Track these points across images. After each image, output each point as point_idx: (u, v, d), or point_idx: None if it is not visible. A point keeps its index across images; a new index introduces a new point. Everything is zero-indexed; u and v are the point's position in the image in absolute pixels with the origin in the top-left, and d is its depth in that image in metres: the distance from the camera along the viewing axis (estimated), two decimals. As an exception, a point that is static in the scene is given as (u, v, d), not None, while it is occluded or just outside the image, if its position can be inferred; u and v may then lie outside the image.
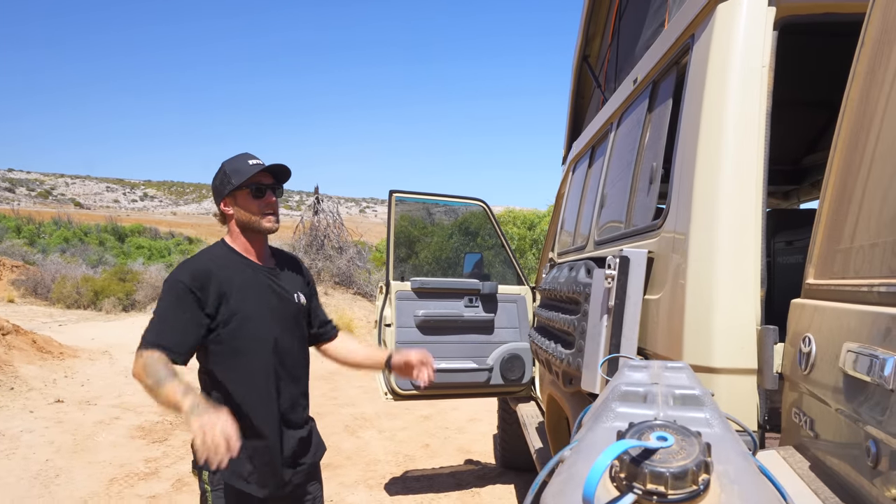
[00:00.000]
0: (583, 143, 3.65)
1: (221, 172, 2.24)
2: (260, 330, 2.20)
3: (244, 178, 2.18)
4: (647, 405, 0.83)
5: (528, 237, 16.47)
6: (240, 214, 2.23)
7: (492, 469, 5.61)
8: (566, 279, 2.38)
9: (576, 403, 2.41)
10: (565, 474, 0.70)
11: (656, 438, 0.66)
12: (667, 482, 0.62)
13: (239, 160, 2.24)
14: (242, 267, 2.23)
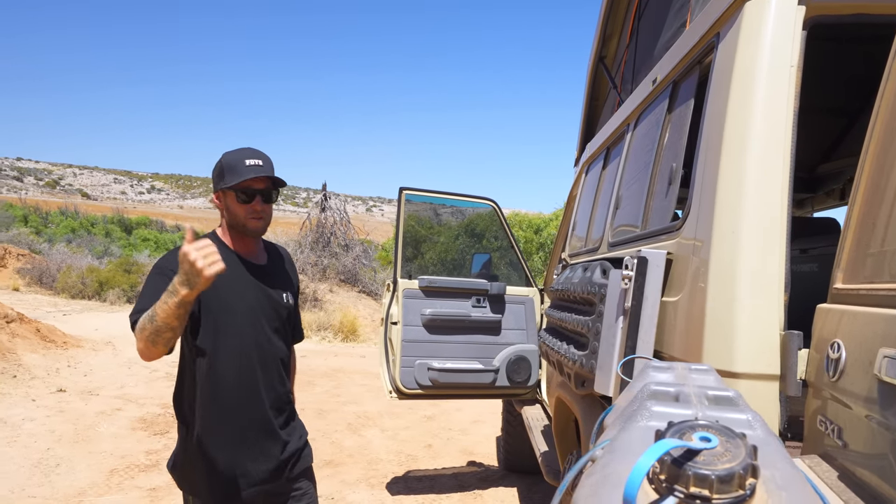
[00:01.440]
0: (597, 145, 3.61)
1: (219, 165, 2.19)
2: (240, 325, 2.16)
3: (236, 180, 2.11)
4: (682, 405, 0.79)
5: (534, 240, 16.43)
6: (227, 213, 2.19)
7: (494, 471, 5.57)
8: (580, 280, 2.34)
9: (586, 406, 2.37)
10: (598, 475, 0.66)
11: (699, 439, 0.62)
12: (711, 485, 0.58)
13: (237, 157, 2.16)
14: (229, 261, 2.15)
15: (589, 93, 4.33)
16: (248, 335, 2.18)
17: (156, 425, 6.48)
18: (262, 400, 2.21)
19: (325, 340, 13.47)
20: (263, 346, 2.22)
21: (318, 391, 8.61)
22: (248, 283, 2.20)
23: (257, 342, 2.20)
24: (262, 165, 2.15)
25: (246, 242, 2.25)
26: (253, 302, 2.19)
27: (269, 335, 2.24)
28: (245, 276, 2.21)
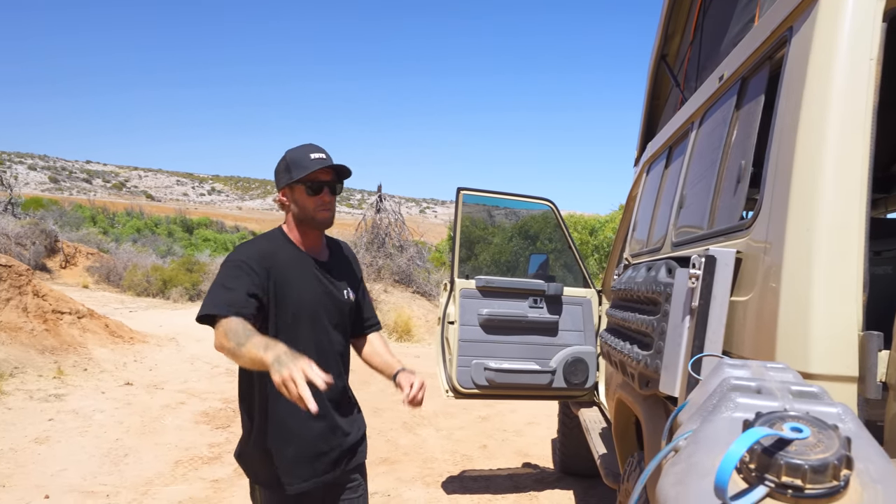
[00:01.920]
0: (659, 144, 3.56)
1: (283, 162, 2.24)
2: (304, 322, 2.21)
3: (303, 173, 2.16)
4: (767, 397, 0.78)
5: (589, 242, 16.24)
6: (295, 207, 2.23)
7: (550, 473, 5.54)
8: (644, 279, 2.31)
9: (649, 407, 2.34)
10: (683, 464, 0.66)
11: (790, 429, 0.62)
12: (805, 475, 0.58)
13: (301, 152, 2.22)
14: (295, 257, 2.24)
15: (650, 92, 4.27)
16: (310, 331, 2.23)
17: (217, 419, 6.66)
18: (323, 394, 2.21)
19: (379, 340, 13.61)
20: (324, 342, 2.27)
21: (373, 389, 8.70)
22: (312, 280, 2.25)
23: (318, 338, 2.25)
24: (325, 159, 2.21)
25: (312, 238, 2.29)
26: (316, 299, 2.24)
27: (330, 331, 2.29)
28: (310, 273, 2.25)
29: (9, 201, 23.44)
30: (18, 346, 8.41)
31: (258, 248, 2.19)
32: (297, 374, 1.70)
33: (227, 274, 2.09)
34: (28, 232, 20.65)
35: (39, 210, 28.00)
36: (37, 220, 22.23)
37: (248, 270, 2.09)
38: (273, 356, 1.79)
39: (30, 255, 19.44)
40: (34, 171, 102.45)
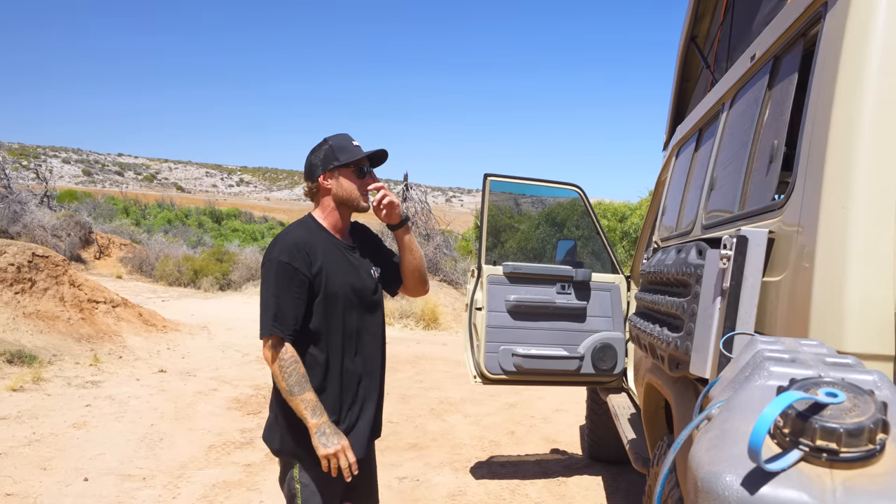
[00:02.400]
0: (689, 127, 3.52)
1: (326, 147, 2.33)
2: (344, 305, 2.31)
3: (352, 157, 2.29)
4: (801, 366, 0.78)
5: (618, 229, 16.12)
6: (340, 190, 2.32)
7: (578, 459, 5.54)
8: (674, 261, 2.30)
9: (680, 390, 2.33)
10: (716, 431, 0.67)
11: (825, 394, 0.61)
12: (840, 439, 0.58)
13: (343, 139, 2.34)
14: (329, 243, 2.33)
15: (679, 74, 4.22)
16: (348, 314, 2.33)
17: (249, 405, 6.77)
18: (363, 373, 2.38)
19: (406, 328, 13.68)
20: (360, 324, 2.37)
21: (401, 377, 8.77)
22: (347, 265, 2.35)
23: (355, 320, 2.35)
24: (359, 146, 2.36)
25: (346, 222, 2.40)
26: (350, 283, 2.34)
27: (365, 312, 2.39)
28: (344, 258, 2.36)
29: (44, 194, 23.94)
30: (56, 334, 8.62)
31: (298, 240, 2.25)
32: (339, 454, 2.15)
33: (269, 283, 2.20)
34: (63, 224, 21.08)
35: (74, 202, 28.57)
36: (71, 213, 22.69)
37: (288, 273, 2.19)
38: (317, 425, 2.14)
39: (65, 247, 19.86)
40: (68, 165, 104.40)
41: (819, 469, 0.58)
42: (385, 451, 5.56)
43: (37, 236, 19.21)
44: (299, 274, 2.20)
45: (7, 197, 20.72)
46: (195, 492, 4.41)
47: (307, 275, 2.22)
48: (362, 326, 2.37)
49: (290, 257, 2.20)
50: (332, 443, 2.15)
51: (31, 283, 8.98)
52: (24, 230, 19.69)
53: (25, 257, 9.07)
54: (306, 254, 2.22)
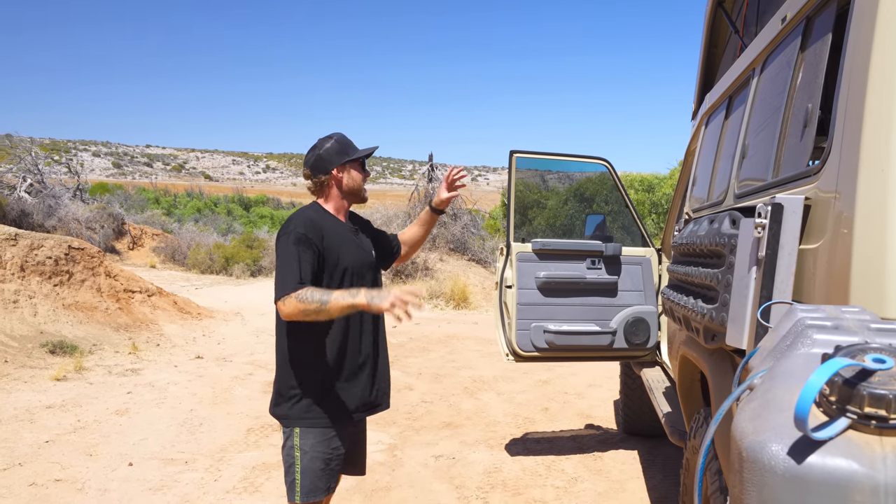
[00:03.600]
0: (718, 94, 3.44)
1: (336, 144, 2.64)
2: (350, 278, 2.57)
3: (358, 154, 2.65)
4: (845, 333, 0.76)
5: (647, 201, 15.91)
6: (349, 182, 2.65)
7: (614, 434, 5.53)
8: (707, 232, 2.26)
9: (715, 362, 2.31)
10: (759, 400, 0.66)
11: (873, 360, 0.60)
12: (889, 405, 0.56)
13: (345, 137, 2.69)
14: (336, 224, 2.62)
15: (707, 41, 4.12)
16: (356, 286, 2.56)
17: (285, 388, 6.86)
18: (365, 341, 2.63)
19: (437, 308, 13.73)
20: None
21: (433, 356, 8.82)
22: (351, 244, 2.63)
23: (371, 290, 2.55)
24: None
25: (345, 210, 2.71)
26: (357, 260, 2.62)
27: (368, 284, 2.65)
28: (348, 237, 2.64)
29: (77, 187, 24.38)
30: (95, 324, 8.82)
31: (309, 217, 2.55)
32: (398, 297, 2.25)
33: (291, 250, 2.42)
34: (96, 216, 21.47)
35: (105, 195, 29.03)
36: (104, 205, 23.08)
37: (307, 242, 2.44)
38: (366, 296, 2.29)
39: (99, 238, 20.24)
40: (98, 158, 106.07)
41: (868, 436, 0.57)
42: (420, 430, 5.61)
43: (72, 229, 19.60)
44: (314, 245, 2.45)
45: (41, 192, 21.15)
46: (236, 474, 4.50)
47: (319, 247, 2.47)
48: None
49: (305, 229, 2.46)
50: (385, 297, 2.28)
51: (69, 276, 9.18)
52: (60, 223, 20.10)
53: (62, 250, 9.27)
54: (319, 230, 2.50)
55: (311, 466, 2.52)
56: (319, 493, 2.54)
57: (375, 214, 18.66)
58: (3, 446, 4.83)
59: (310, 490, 2.52)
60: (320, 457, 2.52)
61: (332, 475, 2.58)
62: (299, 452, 2.52)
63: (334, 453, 2.56)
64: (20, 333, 7.75)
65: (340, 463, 2.61)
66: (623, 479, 4.52)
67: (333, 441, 2.55)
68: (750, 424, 0.62)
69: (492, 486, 4.40)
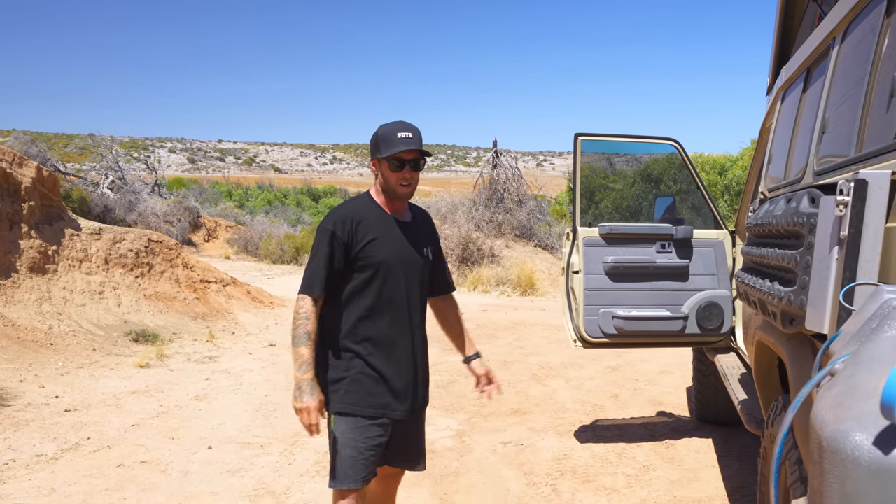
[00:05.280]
0: (795, 67, 3.28)
1: (375, 137, 2.56)
2: (394, 273, 2.54)
3: (390, 151, 2.48)
4: (937, 316, 0.71)
5: (718, 183, 15.39)
6: (381, 178, 2.57)
7: (686, 422, 5.40)
8: (784, 211, 2.17)
9: (794, 346, 2.21)
10: (842, 386, 0.62)
11: (969, 344, 0.55)
12: None
13: (391, 129, 2.52)
14: (381, 217, 2.57)
15: (782, 12, 3.93)
16: (392, 284, 2.55)
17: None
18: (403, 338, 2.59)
19: (504, 295, 13.70)
20: (403, 295, 2.58)
21: (500, 343, 8.81)
22: (394, 238, 2.57)
23: (398, 291, 2.57)
24: (412, 138, 2.49)
25: (395, 204, 2.62)
26: (398, 255, 2.56)
27: (409, 285, 2.60)
28: (393, 232, 2.58)
29: (155, 183, 25.43)
30: (174, 314, 9.19)
31: (346, 211, 2.54)
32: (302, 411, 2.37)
33: (317, 246, 2.49)
34: (173, 210, 22.35)
35: (181, 189, 30.15)
36: (180, 199, 23.98)
37: (332, 240, 2.46)
38: (298, 379, 2.40)
39: (177, 231, 21.05)
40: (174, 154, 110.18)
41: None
42: (488, 416, 5.62)
43: (151, 223, 20.45)
44: (342, 242, 2.46)
45: (122, 188, 22.14)
46: (309, 458, 4.61)
47: (350, 243, 2.48)
48: (405, 298, 2.58)
49: (335, 226, 2.47)
50: (301, 400, 2.37)
51: (149, 267, 9.59)
52: (140, 218, 21.01)
53: (142, 243, 9.68)
54: (355, 225, 2.49)
55: (343, 453, 2.49)
56: (352, 482, 2.48)
57: (440, 202, 18.73)
58: (93, 429, 5.10)
59: (343, 477, 2.49)
60: (351, 444, 2.49)
61: (366, 465, 2.51)
62: (332, 438, 2.52)
63: (368, 443, 2.50)
64: (106, 323, 8.15)
65: (378, 454, 2.54)
66: (697, 468, 4.41)
67: (368, 430, 2.50)
68: (831, 412, 0.58)
69: (561, 473, 4.36)
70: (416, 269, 2.62)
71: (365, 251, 2.49)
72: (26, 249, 7.92)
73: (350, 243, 2.48)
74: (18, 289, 7.56)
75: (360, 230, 2.50)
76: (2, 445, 4.66)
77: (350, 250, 2.48)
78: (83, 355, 7.12)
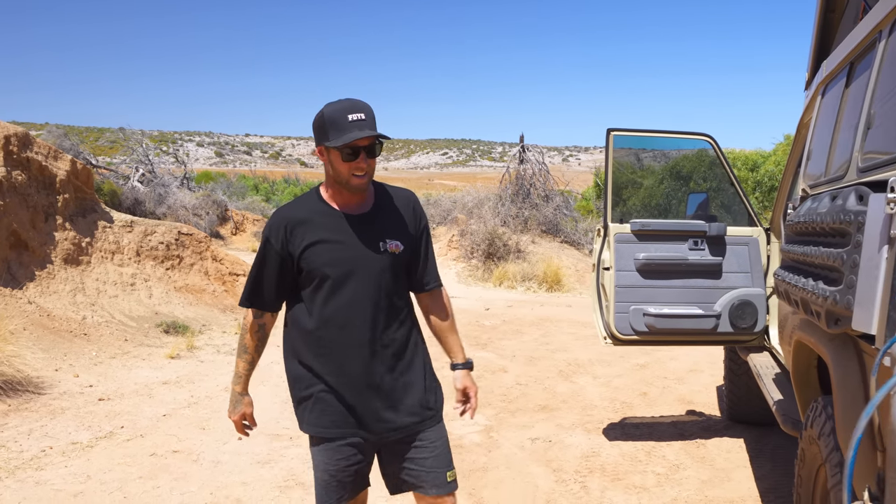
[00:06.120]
0: (837, 61, 3.21)
1: (320, 119, 2.16)
2: (338, 277, 2.20)
3: (341, 139, 2.08)
4: None
5: (750, 179, 15.16)
6: (331, 169, 2.20)
7: (717, 421, 5.34)
8: (829, 209, 2.12)
9: (838, 347, 2.16)
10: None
11: None
12: None
13: (339, 111, 2.12)
14: (326, 216, 2.23)
15: (823, 6, 3.85)
16: (349, 287, 2.22)
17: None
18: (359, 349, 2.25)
19: (529, 291, 13.65)
20: (362, 298, 2.23)
21: (526, 339, 8.78)
22: (343, 236, 2.22)
23: (361, 292, 2.23)
24: (364, 120, 2.11)
25: (346, 196, 2.25)
26: (348, 256, 2.21)
27: (371, 284, 2.23)
28: (342, 229, 2.23)
29: (184, 176, 25.72)
30: (203, 305, 9.30)
31: (283, 214, 2.27)
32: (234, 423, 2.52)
33: (257, 258, 2.28)
34: (202, 203, 22.59)
35: (209, 183, 30.45)
36: (208, 192, 24.24)
37: (264, 245, 2.25)
38: (232, 389, 2.49)
39: (205, 224, 21.29)
40: (202, 148, 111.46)
41: None
42: (515, 412, 5.60)
43: (180, 216, 20.70)
44: (275, 252, 2.22)
45: (152, 181, 22.43)
46: (338, 451, 4.64)
47: (284, 252, 2.21)
48: (361, 300, 2.23)
49: (270, 233, 2.23)
50: (232, 411, 2.47)
51: (179, 260, 9.71)
52: (169, 211, 21.27)
53: (173, 236, 9.81)
54: (289, 230, 2.21)
55: (317, 476, 2.33)
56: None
57: (467, 197, 18.72)
58: (127, 419, 5.18)
59: (319, 501, 2.33)
60: (322, 467, 2.30)
61: (340, 487, 2.29)
62: (313, 462, 2.36)
63: (340, 465, 2.27)
64: (137, 314, 8.28)
65: (353, 475, 2.30)
66: (729, 468, 4.36)
67: (339, 451, 2.27)
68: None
69: (590, 471, 4.34)
70: (372, 270, 2.23)
71: (304, 258, 2.20)
72: (61, 241, 8.07)
73: (286, 251, 2.21)
74: (53, 280, 7.70)
75: (297, 235, 2.20)
76: (39, 432, 4.75)
77: (290, 258, 2.21)
78: (115, 345, 7.24)
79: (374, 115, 2.16)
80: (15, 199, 7.44)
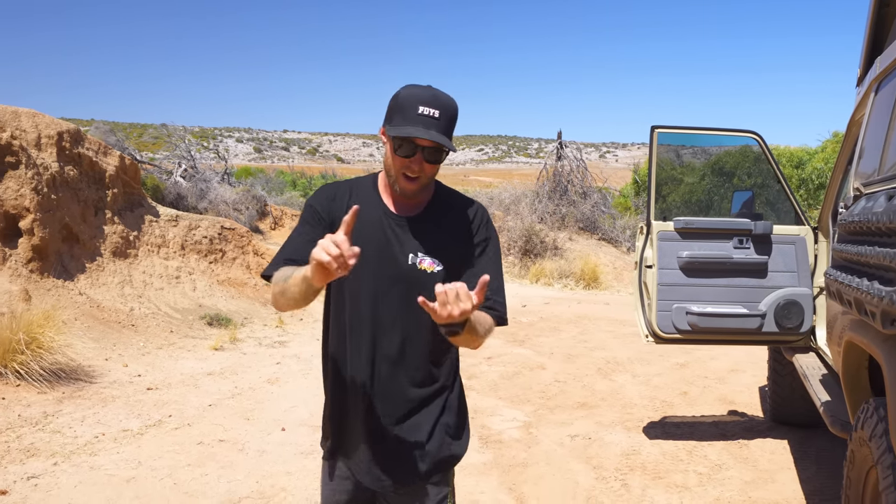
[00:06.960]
0: (892, 57, 3.15)
1: (394, 98, 1.81)
2: (354, 285, 1.85)
3: (397, 130, 1.74)
4: None
5: (794, 176, 14.85)
6: (385, 156, 1.86)
7: (760, 422, 5.27)
8: (886, 209, 2.09)
9: (891, 347, 2.14)
10: None
11: None
12: None
13: (413, 97, 1.76)
14: (372, 208, 1.86)
15: (877, 0, 3.77)
16: (367, 297, 1.85)
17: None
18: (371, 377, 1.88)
19: (567, 288, 13.60)
20: (385, 311, 1.85)
21: (564, 336, 8.76)
22: (375, 234, 1.84)
23: (380, 306, 1.85)
24: (436, 119, 1.74)
25: (395, 194, 1.88)
26: (374, 257, 1.81)
27: (393, 299, 1.84)
28: (379, 226, 1.85)
29: (224, 172, 26.17)
30: (245, 299, 9.48)
31: (332, 192, 1.92)
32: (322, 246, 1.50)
33: (298, 223, 1.89)
34: (242, 198, 22.94)
35: (249, 178, 30.91)
36: (248, 188, 24.59)
37: (311, 217, 1.88)
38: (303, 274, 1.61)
39: (245, 219, 21.61)
40: (241, 143, 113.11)
41: None
42: (554, 409, 5.61)
43: (221, 211, 21.04)
44: (318, 215, 1.87)
45: (194, 176, 22.87)
46: (379, 443, 4.70)
47: (327, 220, 1.85)
48: (376, 315, 1.85)
49: (315, 200, 1.91)
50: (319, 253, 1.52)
51: (222, 254, 9.91)
52: (210, 206, 21.66)
53: (215, 230, 10.01)
54: (333, 209, 1.86)
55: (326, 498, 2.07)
56: None
57: (504, 194, 18.69)
58: (174, 408, 5.32)
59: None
60: (322, 494, 2.08)
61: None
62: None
63: (330, 498, 2.03)
64: (182, 306, 8.47)
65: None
66: (772, 470, 4.31)
67: (336, 484, 2.01)
68: None
69: (630, 469, 4.33)
70: (396, 281, 1.83)
71: None
72: (110, 235, 8.30)
73: (329, 221, 1.85)
74: (103, 272, 7.93)
75: (337, 207, 1.86)
76: (92, 419, 4.91)
77: (328, 226, 1.83)
78: (162, 337, 7.43)
79: (452, 117, 1.79)
80: (67, 193, 7.68)
